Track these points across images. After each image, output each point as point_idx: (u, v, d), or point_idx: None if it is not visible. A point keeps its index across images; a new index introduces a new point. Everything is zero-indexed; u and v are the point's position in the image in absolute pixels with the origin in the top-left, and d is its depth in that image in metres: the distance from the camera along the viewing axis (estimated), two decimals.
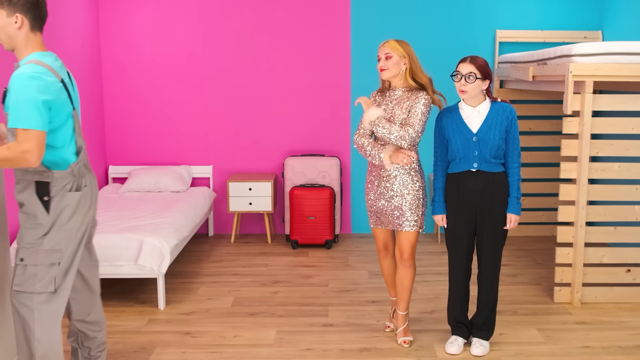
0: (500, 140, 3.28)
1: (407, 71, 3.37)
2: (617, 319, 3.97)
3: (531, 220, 5.98)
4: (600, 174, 4.16)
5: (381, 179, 3.46)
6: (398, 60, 3.35)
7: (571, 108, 4.02)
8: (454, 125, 3.33)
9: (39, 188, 2.60)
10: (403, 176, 3.42)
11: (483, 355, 3.46)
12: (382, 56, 3.36)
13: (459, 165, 3.36)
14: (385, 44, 3.36)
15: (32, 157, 2.46)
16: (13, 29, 2.59)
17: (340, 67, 5.94)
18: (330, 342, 3.64)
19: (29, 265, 2.60)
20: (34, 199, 2.60)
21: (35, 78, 2.48)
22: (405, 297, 3.58)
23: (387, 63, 3.35)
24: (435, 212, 3.48)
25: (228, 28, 5.88)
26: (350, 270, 4.99)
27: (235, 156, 6.04)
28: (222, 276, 4.82)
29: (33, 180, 2.60)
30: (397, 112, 3.37)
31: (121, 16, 5.84)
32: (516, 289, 4.52)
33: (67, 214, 2.64)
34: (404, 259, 3.50)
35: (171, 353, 3.49)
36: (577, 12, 5.89)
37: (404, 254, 3.49)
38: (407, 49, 3.36)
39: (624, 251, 4.25)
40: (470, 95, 3.27)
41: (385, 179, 3.45)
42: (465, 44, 5.88)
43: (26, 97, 2.45)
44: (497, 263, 3.42)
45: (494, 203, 3.34)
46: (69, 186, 2.65)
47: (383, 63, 3.36)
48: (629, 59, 3.98)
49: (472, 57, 3.26)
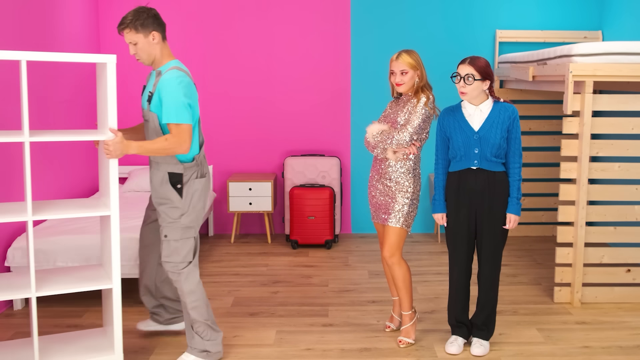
0: (501, 139, 3.28)
1: (420, 81, 3.49)
2: (617, 319, 3.97)
3: (531, 220, 5.99)
4: (600, 174, 4.16)
5: (381, 175, 3.52)
6: (413, 74, 3.46)
7: (571, 108, 4.02)
8: (455, 123, 3.35)
9: (172, 178, 3.16)
10: (401, 175, 3.47)
11: (483, 355, 3.46)
12: (397, 71, 3.45)
13: (460, 163, 3.36)
14: (399, 59, 3.44)
15: (184, 147, 3.05)
16: (152, 46, 3.13)
17: (340, 67, 5.94)
18: (330, 342, 3.64)
19: (171, 240, 3.17)
20: (169, 187, 3.15)
21: (182, 82, 3.05)
22: (402, 295, 3.58)
23: (403, 78, 3.45)
24: (435, 211, 3.48)
25: (228, 29, 5.88)
26: (350, 270, 4.99)
27: (235, 156, 6.04)
28: (222, 276, 4.82)
29: (166, 171, 3.15)
30: (400, 113, 3.49)
31: (121, 16, 5.84)
32: (516, 289, 4.52)
33: (197, 197, 3.20)
34: (384, 256, 3.53)
35: (171, 353, 3.49)
36: (577, 12, 5.89)
37: (384, 251, 3.52)
38: (417, 59, 3.47)
39: (624, 251, 4.24)
40: (470, 97, 3.29)
41: (385, 176, 3.50)
42: (465, 44, 5.88)
43: (177, 98, 3.03)
44: (497, 263, 3.42)
45: (494, 202, 3.34)
46: (196, 174, 3.21)
47: (400, 79, 3.46)
48: (629, 59, 3.98)
49: (472, 58, 3.27)
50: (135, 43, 3.12)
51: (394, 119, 3.49)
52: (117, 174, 3.01)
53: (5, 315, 4.01)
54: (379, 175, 3.54)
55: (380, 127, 3.49)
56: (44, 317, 3.96)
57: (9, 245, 4.15)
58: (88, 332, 3.37)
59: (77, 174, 5.33)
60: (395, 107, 3.56)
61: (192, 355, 3.29)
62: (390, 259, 3.51)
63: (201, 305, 3.25)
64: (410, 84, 3.47)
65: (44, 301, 4.19)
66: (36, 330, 2.96)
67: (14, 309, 4.10)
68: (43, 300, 4.20)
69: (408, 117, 3.43)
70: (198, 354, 3.29)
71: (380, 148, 3.45)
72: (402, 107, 3.50)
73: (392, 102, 3.63)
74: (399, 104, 3.55)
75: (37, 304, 4.13)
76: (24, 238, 4.05)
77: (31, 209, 2.90)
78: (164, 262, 3.21)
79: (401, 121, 3.45)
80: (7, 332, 3.74)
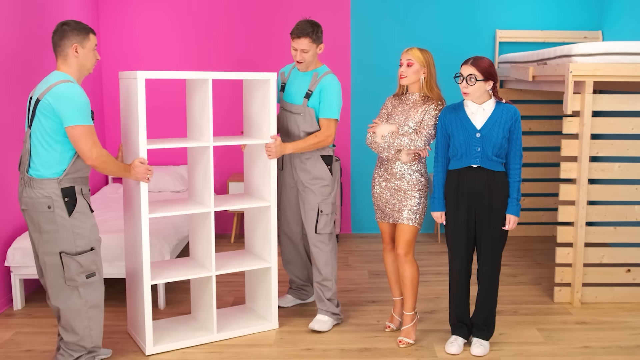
0: (503, 139, 3.29)
1: (425, 80, 3.49)
2: (617, 319, 3.97)
3: (531, 220, 5.99)
4: (600, 174, 4.16)
5: (391, 175, 3.53)
6: (418, 68, 3.46)
7: (571, 108, 4.02)
8: (457, 121, 3.35)
9: (325, 159, 3.79)
10: (414, 174, 3.49)
11: (483, 355, 3.46)
12: (404, 62, 3.48)
13: (460, 161, 3.36)
14: (409, 50, 3.48)
15: (330, 139, 3.73)
16: (316, 55, 3.77)
17: (340, 67, 5.94)
18: (330, 342, 3.64)
19: (325, 214, 3.77)
20: (323, 167, 3.78)
21: (338, 85, 3.76)
22: (407, 295, 3.58)
23: (407, 70, 3.47)
24: (434, 209, 3.48)
25: (227, 28, 5.88)
26: (350, 270, 4.99)
27: (235, 156, 6.04)
28: (223, 276, 4.82)
29: (319, 154, 3.77)
30: (412, 114, 3.48)
31: (121, 16, 5.84)
32: (516, 289, 4.52)
33: (337, 176, 3.92)
34: (399, 254, 3.53)
35: (171, 353, 3.49)
36: (577, 12, 5.89)
37: (399, 248, 3.52)
38: (427, 58, 3.48)
39: (624, 251, 4.25)
40: (473, 97, 3.30)
41: (396, 176, 3.51)
42: (465, 44, 5.88)
43: (335, 98, 3.71)
44: (496, 263, 3.42)
45: (494, 202, 3.34)
46: (334, 157, 3.89)
47: (404, 69, 3.48)
48: (629, 59, 3.98)
49: (475, 58, 3.27)
50: (307, 51, 3.67)
51: (403, 121, 3.48)
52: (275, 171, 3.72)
53: (5, 315, 4.01)
54: (390, 176, 3.53)
55: (389, 128, 3.48)
56: (43, 317, 3.96)
57: (9, 245, 4.15)
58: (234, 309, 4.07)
59: None
60: (400, 107, 3.54)
61: (326, 316, 3.81)
62: (405, 256, 3.52)
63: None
64: (414, 79, 3.47)
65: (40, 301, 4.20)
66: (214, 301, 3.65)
67: (14, 309, 4.11)
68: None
69: (422, 120, 3.44)
70: (331, 315, 3.82)
71: (393, 150, 3.46)
72: (413, 109, 3.48)
73: (393, 99, 3.61)
74: (404, 104, 3.53)
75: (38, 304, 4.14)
76: (23, 238, 4.05)
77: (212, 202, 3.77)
78: (318, 234, 3.77)
79: (412, 124, 3.45)
80: (7, 332, 3.74)
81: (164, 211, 3.49)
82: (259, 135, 3.75)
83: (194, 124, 3.70)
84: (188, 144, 3.47)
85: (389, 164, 3.53)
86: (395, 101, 3.59)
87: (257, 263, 3.80)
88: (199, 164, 3.66)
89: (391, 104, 3.60)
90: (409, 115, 3.48)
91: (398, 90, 3.60)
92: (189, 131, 3.78)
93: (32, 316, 4.00)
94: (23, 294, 4.15)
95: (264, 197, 3.81)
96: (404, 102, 3.55)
